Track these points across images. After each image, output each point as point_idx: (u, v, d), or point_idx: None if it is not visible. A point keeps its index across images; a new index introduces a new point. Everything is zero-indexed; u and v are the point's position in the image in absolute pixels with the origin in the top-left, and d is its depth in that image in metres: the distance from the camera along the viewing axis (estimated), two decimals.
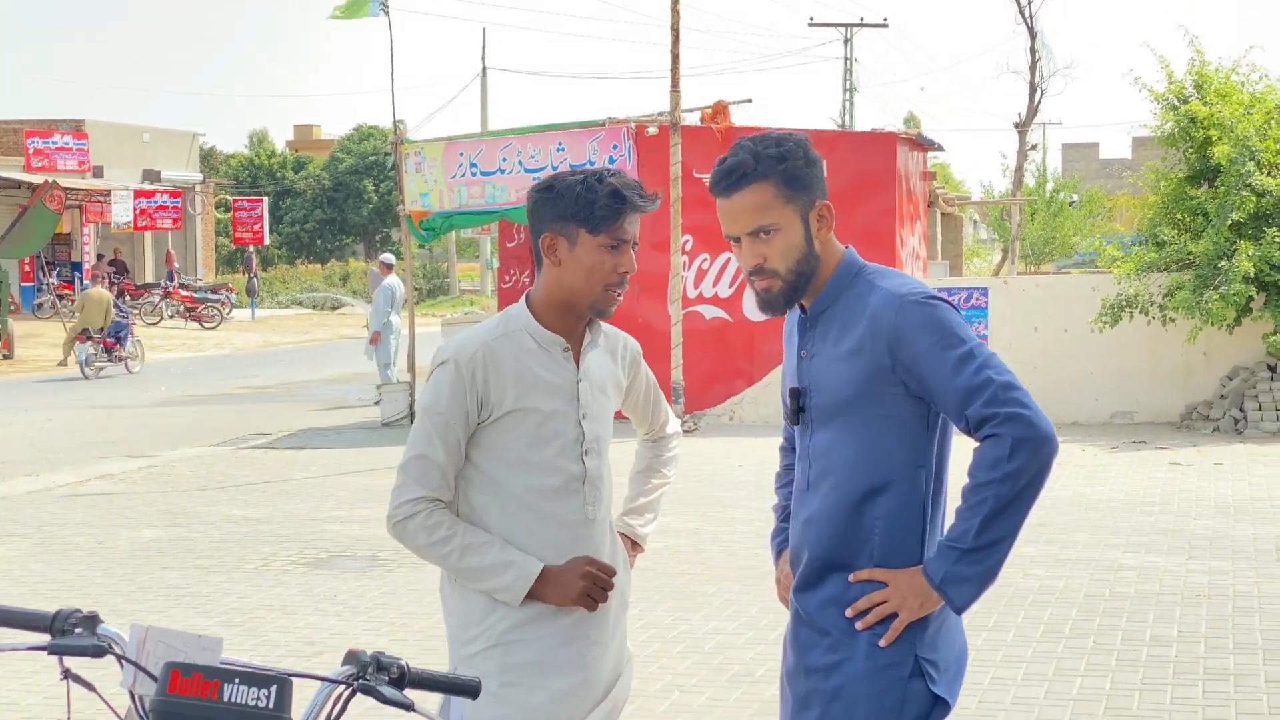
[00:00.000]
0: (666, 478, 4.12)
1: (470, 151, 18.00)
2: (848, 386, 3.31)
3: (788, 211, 3.33)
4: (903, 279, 3.37)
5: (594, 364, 3.74)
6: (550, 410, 3.64)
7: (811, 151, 3.38)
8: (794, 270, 3.35)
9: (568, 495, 3.67)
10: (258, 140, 79.40)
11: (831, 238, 3.40)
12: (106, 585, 9.53)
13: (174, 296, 42.05)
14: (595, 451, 3.72)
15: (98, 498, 13.21)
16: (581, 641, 3.67)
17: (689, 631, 8.18)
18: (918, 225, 21.20)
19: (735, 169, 3.33)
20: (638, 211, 3.59)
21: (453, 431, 3.62)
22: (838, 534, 3.33)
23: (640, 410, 4.04)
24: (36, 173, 39.57)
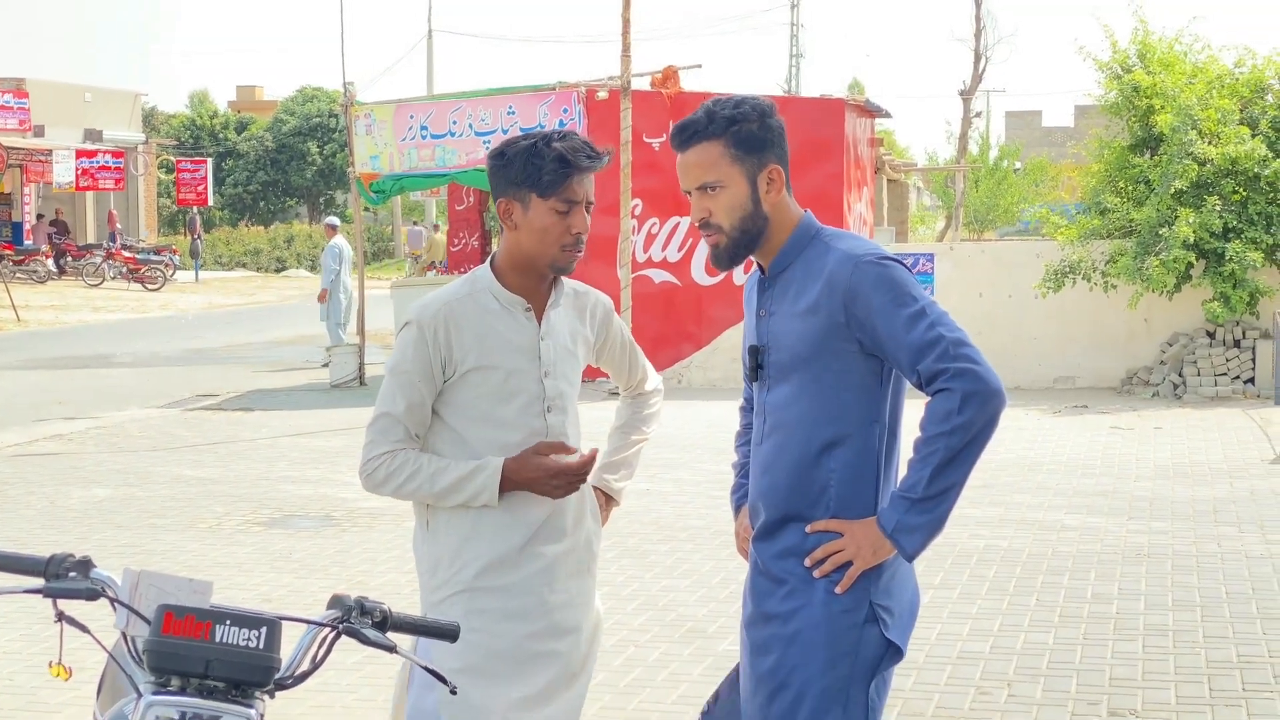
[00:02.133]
0: (644, 434, 4.20)
1: (421, 114, 18.01)
2: (804, 344, 3.43)
3: (734, 171, 3.45)
4: (858, 240, 3.49)
5: (558, 323, 3.85)
6: (511, 368, 3.77)
7: (771, 118, 3.49)
8: (737, 228, 3.47)
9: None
10: (199, 101, 78.68)
11: (786, 200, 3.51)
12: (59, 544, 9.54)
13: (116, 258, 41.79)
14: (558, 408, 3.83)
15: (47, 458, 13.20)
16: (546, 589, 3.79)
17: (641, 589, 8.31)
18: (865, 191, 21.36)
19: (688, 126, 3.47)
20: (585, 172, 3.70)
21: (417, 390, 3.76)
22: (794, 486, 3.46)
23: (616, 366, 4.14)
24: None
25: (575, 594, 3.87)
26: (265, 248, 57.68)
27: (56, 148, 42.80)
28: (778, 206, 3.49)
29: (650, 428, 4.22)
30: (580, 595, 3.88)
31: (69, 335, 28.33)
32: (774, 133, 3.48)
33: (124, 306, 35.59)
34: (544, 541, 3.81)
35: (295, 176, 71.46)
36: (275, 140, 71.53)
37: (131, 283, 40.63)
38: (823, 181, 18.30)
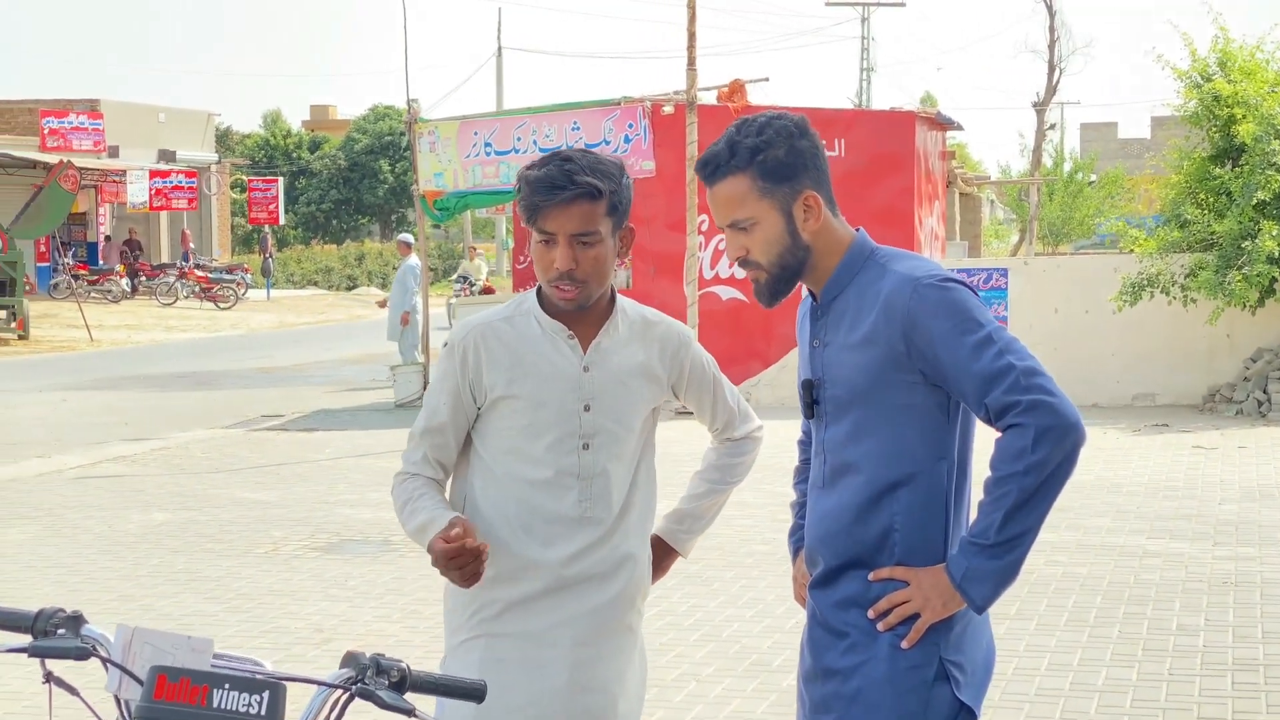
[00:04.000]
0: (725, 486, 3.80)
1: (485, 131, 17.84)
2: (861, 376, 3.14)
3: (764, 205, 3.17)
4: (917, 261, 3.20)
5: (612, 353, 3.53)
6: (544, 399, 3.48)
7: (800, 138, 3.19)
8: (776, 263, 3.20)
9: (559, 490, 3.49)
10: (273, 120, 79.29)
11: (830, 224, 3.22)
12: (115, 570, 9.41)
13: (189, 277, 42.01)
14: (600, 447, 3.50)
15: (109, 480, 13.09)
16: (571, 641, 3.50)
17: (705, 619, 8.04)
18: (936, 205, 21.01)
19: (710, 160, 3.19)
20: (556, 205, 3.34)
21: (439, 413, 3.54)
22: (856, 531, 3.18)
23: (697, 405, 3.75)
24: (52, 152, 39.46)
25: (608, 649, 3.55)
26: (336, 266, 57.88)
27: (130, 168, 43.10)
28: (820, 233, 3.20)
29: (734, 478, 3.81)
30: (614, 651, 3.56)
31: (140, 354, 28.42)
32: (804, 156, 3.18)
33: (195, 325, 35.74)
34: (575, 589, 3.50)
35: (367, 195, 71.80)
36: (347, 159, 71.91)
37: (204, 301, 40.82)
38: (893, 196, 17.97)
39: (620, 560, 3.55)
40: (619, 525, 3.55)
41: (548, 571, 3.48)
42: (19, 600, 8.57)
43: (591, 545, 3.51)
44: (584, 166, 3.39)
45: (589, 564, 3.51)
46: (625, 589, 3.56)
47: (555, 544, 3.48)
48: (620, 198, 3.44)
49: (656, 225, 18.33)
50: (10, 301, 30.48)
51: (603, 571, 3.52)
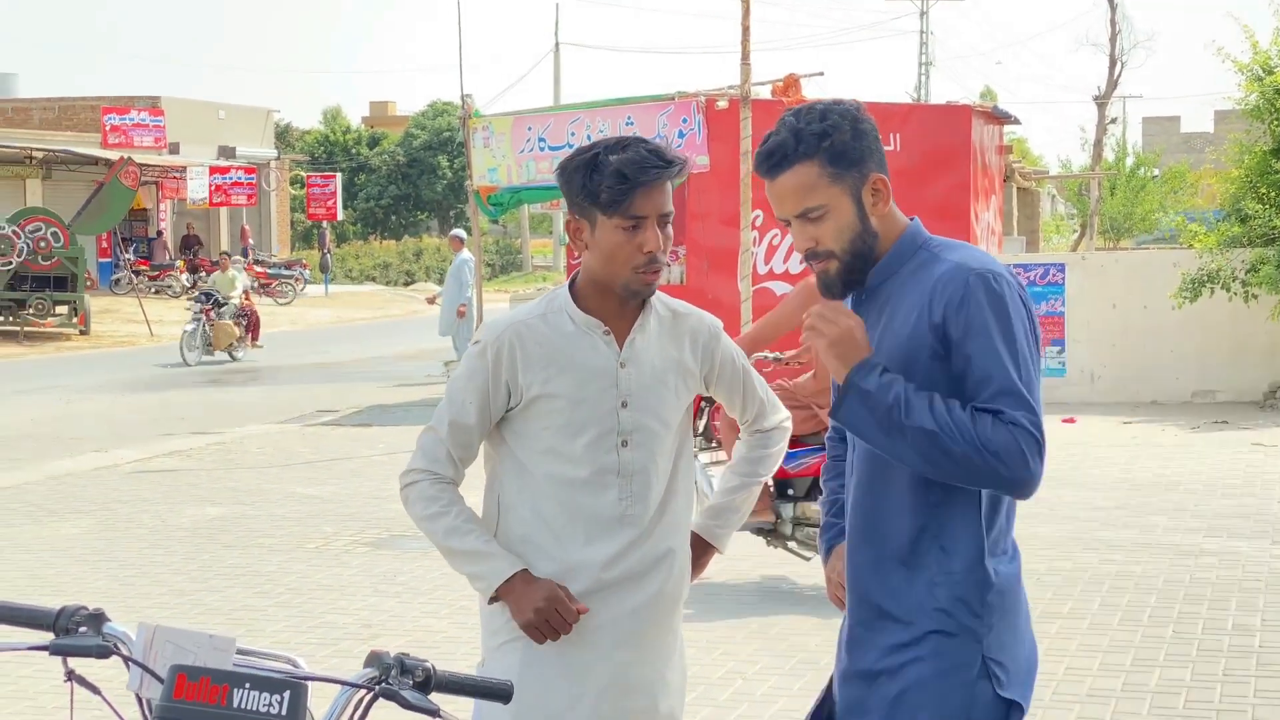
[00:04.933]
0: (749, 478, 3.74)
1: (539, 126, 17.82)
2: (895, 364, 3.04)
3: (835, 191, 3.08)
4: (971, 251, 3.11)
5: (646, 349, 3.47)
6: (581, 397, 3.42)
7: (861, 121, 3.11)
8: (849, 250, 3.11)
9: (599, 489, 3.43)
10: (332, 117, 79.66)
11: (892, 210, 3.15)
12: (166, 564, 9.45)
13: (248, 272, 42.23)
14: (638, 444, 3.45)
15: (163, 474, 13.17)
16: (611, 643, 3.45)
17: (753, 615, 7.98)
18: (993, 200, 20.82)
19: (775, 150, 3.09)
20: (649, 186, 3.32)
21: (466, 411, 3.47)
22: (891, 526, 3.11)
23: (727, 397, 3.69)
24: (113, 149, 39.79)
25: (649, 650, 3.49)
26: (394, 261, 58.11)
27: (190, 164, 43.38)
28: (884, 219, 3.12)
29: (765, 470, 3.76)
30: (655, 651, 3.51)
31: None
32: (869, 138, 3.10)
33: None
34: (614, 590, 3.44)
35: (426, 190, 72.02)
36: (406, 155, 72.16)
37: (262, 297, 41.01)
38: (949, 191, 17.81)
39: (659, 558, 3.49)
40: (658, 523, 3.49)
41: (587, 573, 3.42)
42: (70, 594, 8.63)
43: (631, 544, 3.45)
44: (662, 147, 3.38)
45: (629, 564, 3.45)
46: (665, 588, 3.51)
47: (595, 544, 3.43)
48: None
49: (710, 220, 18.25)
50: (72, 297, 30.76)
51: (642, 571, 3.47)
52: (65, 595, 8.61)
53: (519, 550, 3.45)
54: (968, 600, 3.05)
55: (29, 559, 9.63)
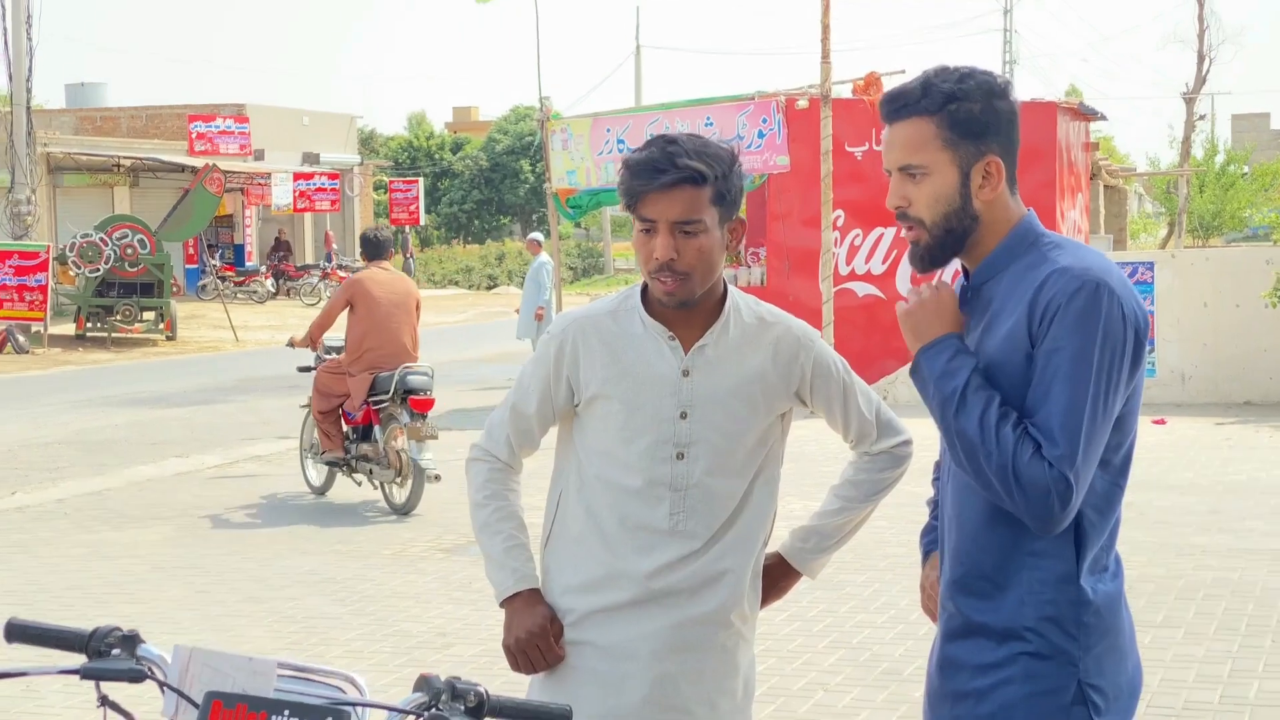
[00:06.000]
0: (850, 503, 3.46)
1: (617, 128, 17.71)
2: (1001, 376, 2.84)
3: (943, 156, 2.88)
4: (1083, 254, 2.87)
5: (719, 357, 3.29)
6: (638, 403, 3.27)
7: (1001, 99, 2.90)
8: (940, 225, 2.91)
9: (651, 500, 3.27)
10: (416, 122, 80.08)
11: (1005, 198, 2.93)
12: (243, 571, 9.39)
13: (332, 277, 42.45)
14: (696, 457, 3.27)
15: (244, 480, 13.15)
16: (651, 655, 3.28)
17: (835, 624, 7.80)
18: (1079, 198, 20.47)
19: (899, 96, 2.91)
20: (657, 190, 3.14)
21: (528, 400, 3.38)
22: (983, 539, 2.91)
23: (826, 416, 3.44)
24: (199, 156, 40.11)
25: (693, 668, 3.30)
26: (477, 265, 58.27)
27: (275, 171, 43.69)
28: (993, 205, 2.91)
29: (871, 496, 3.45)
30: (701, 672, 3.31)
31: (283, 354, 28.62)
32: (1000, 117, 2.91)
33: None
34: (659, 601, 3.28)
35: (508, 194, 72.23)
36: (489, 159, 72.39)
37: None
38: (1034, 189, 17.48)
39: (714, 577, 3.32)
40: (716, 541, 3.32)
41: (633, 582, 3.28)
42: (146, 603, 8.60)
43: (682, 560, 3.29)
44: (689, 150, 3.18)
45: (678, 578, 3.29)
46: (718, 607, 3.32)
47: (644, 554, 3.28)
48: (728, 186, 3.21)
49: (791, 221, 18.06)
50: (158, 303, 30.98)
51: (691, 587, 3.30)
52: (142, 604, 8.58)
53: (571, 550, 3.33)
54: (1061, 620, 2.85)
55: (108, 566, 9.62)
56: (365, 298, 11.29)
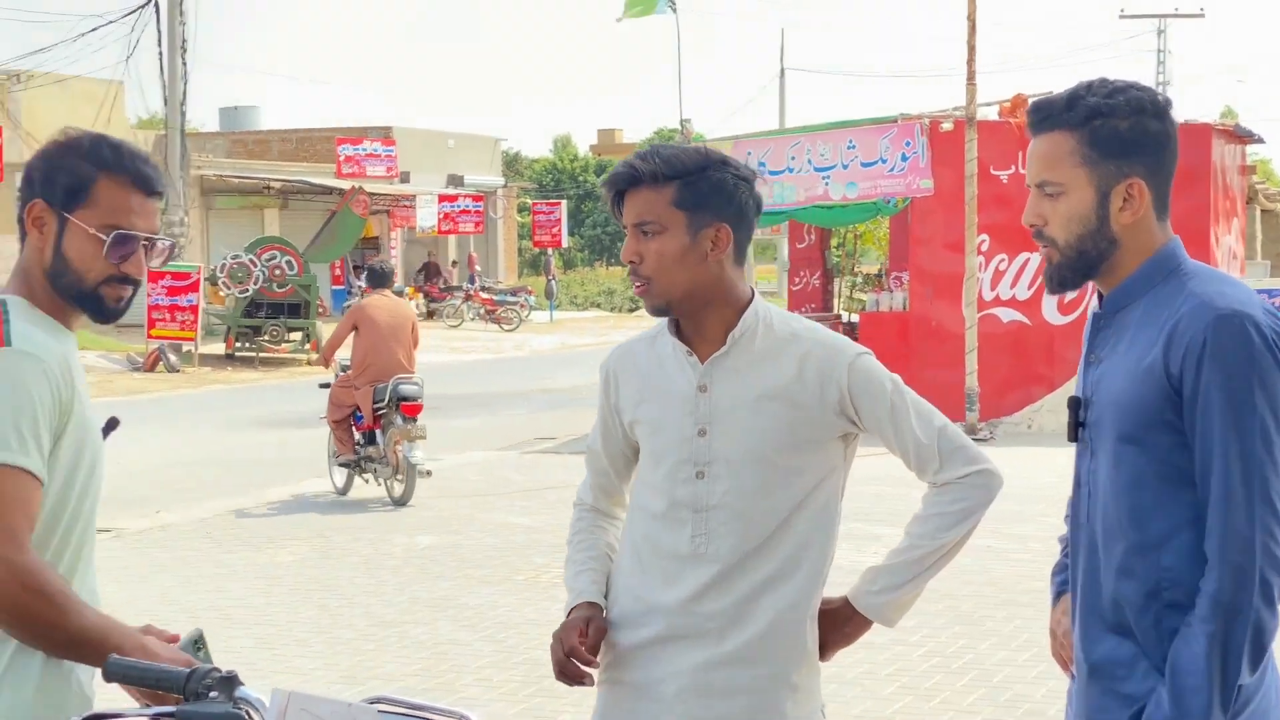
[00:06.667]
0: (918, 539, 3.15)
1: (758, 150, 17.58)
2: (1129, 408, 2.68)
3: (1081, 174, 2.73)
4: (1225, 286, 2.71)
5: (737, 372, 3.13)
6: (662, 423, 3.17)
7: (1151, 118, 2.73)
8: (1074, 246, 2.76)
9: (675, 524, 3.14)
10: (562, 145, 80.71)
11: (1149, 223, 2.77)
12: (376, 594, 9.40)
13: (475, 299, 42.84)
14: (718, 476, 3.10)
15: (380, 502, 13.21)
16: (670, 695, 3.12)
17: (975, 661, 7.59)
18: (1234, 222, 19.93)
19: (1044, 107, 2.77)
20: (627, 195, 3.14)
21: (595, 438, 3.37)
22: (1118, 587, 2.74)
23: (883, 440, 3.19)
24: (346, 179, 40.73)
25: (719, 713, 3.09)
26: (619, 288, 58.42)
27: (420, 193, 44.21)
28: (1133, 229, 2.75)
29: (942, 532, 3.13)
30: (727, 718, 3.10)
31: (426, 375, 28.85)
32: (1149, 138, 2.73)
33: (480, 347, 36.36)
34: (687, 639, 3.11)
35: None
36: None
37: (488, 323, 41.57)
38: (1187, 213, 17.06)
39: (745, 613, 3.10)
40: (744, 571, 3.11)
41: (661, 616, 3.13)
42: (279, 625, 8.63)
43: (706, 589, 3.10)
44: (648, 154, 3.15)
45: (706, 613, 3.11)
46: (745, 646, 3.10)
47: (670, 585, 3.13)
48: (695, 188, 3.09)
49: (934, 245, 17.79)
50: (305, 324, 31.44)
51: (720, 626, 3.10)
52: (275, 625, 8.61)
53: (616, 583, 3.23)
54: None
55: (244, 587, 9.69)
56: (368, 321, 12.88)
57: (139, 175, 2.92)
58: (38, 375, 2.75)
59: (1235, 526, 2.57)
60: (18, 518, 2.68)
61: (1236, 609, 2.55)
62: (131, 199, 2.90)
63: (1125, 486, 2.70)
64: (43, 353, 2.78)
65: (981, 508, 3.16)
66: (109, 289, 2.90)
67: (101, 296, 2.91)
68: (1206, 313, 2.62)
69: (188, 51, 31.39)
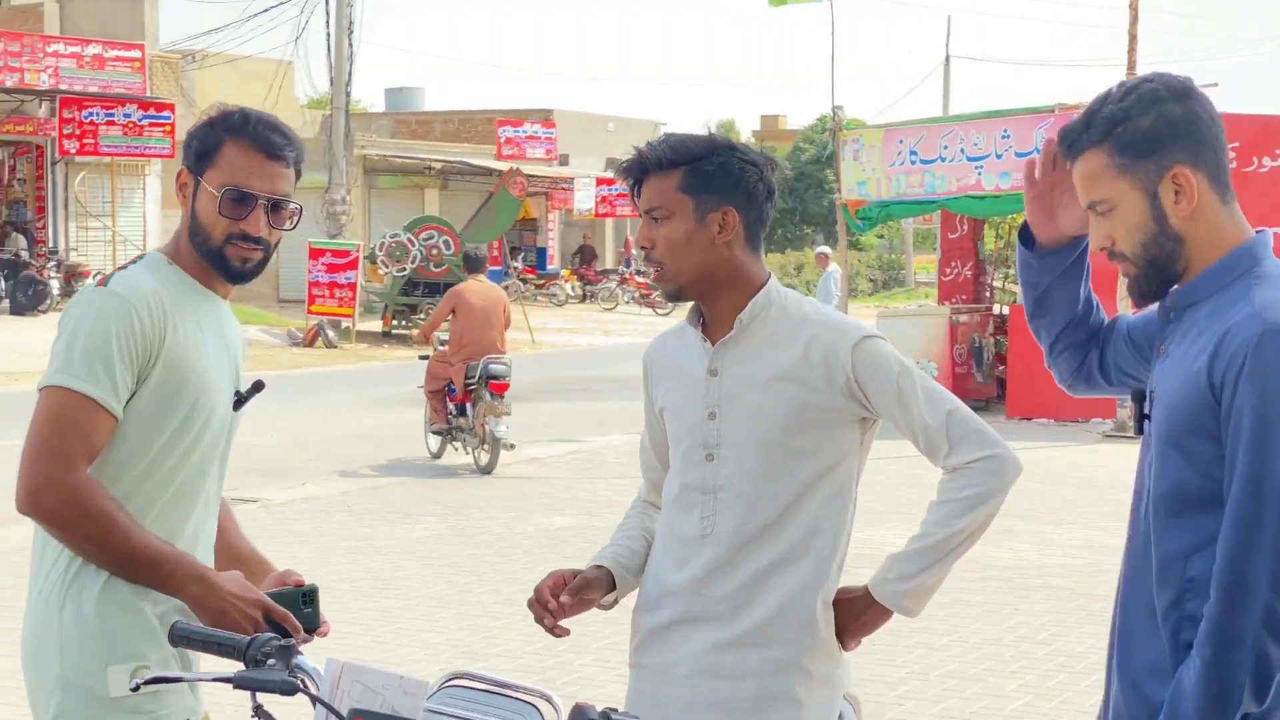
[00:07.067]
0: (931, 527, 3.10)
1: (911, 139, 17.42)
2: (1178, 415, 2.59)
3: (1122, 185, 2.63)
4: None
5: (747, 354, 3.15)
6: (680, 409, 3.21)
7: (1172, 103, 2.61)
8: (1142, 255, 2.65)
9: (686, 506, 3.18)
10: (724, 130, 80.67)
11: (1213, 211, 2.64)
12: (506, 573, 9.50)
13: (629, 283, 43.02)
14: (725, 458, 3.13)
15: (519, 481, 13.36)
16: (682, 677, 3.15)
17: (1100, 662, 7.44)
18: None
19: (1067, 134, 2.70)
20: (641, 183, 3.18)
21: (644, 434, 3.42)
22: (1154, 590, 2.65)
23: (893, 424, 3.14)
24: (506, 160, 41.17)
25: (727, 696, 3.10)
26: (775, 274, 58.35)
27: (578, 175, 44.51)
28: (1196, 221, 2.63)
29: (954, 519, 3.07)
30: (736, 700, 3.10)
31: (577, 357, 29.19)
32: (1176, 123, 2.61)
33: (633, 330, 36.54)
34: (699, 621, 3.15)
35: (812, 205, 72.06)
36: (794, 168, 72.37)
37: (642, 307, 41.74)
38: None
39: (750, 597, 3.12)
40: (749, 553, 3.12)
41: (677, 599, 3.16)
42: (408, 598, 8.77)
43: (714, 569, 3.13)
44: (660, 142, 3.22)
45: (714, 596, 3.13)
46: (752, 629, 3.11)
47: (681, 567, 3.17)
48: (701, 173, 3.13)
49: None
50: None
51: (729, 609, 3.12)
52: (404, 599, 8.75)
53: (649, 568, 3.28)
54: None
55: (379, 560, 9.85)
56: (464, 304, 13.94)
57: (261, 139, 3.07)
58: (121, 314, 2.91)
59: (1241, 553, 2.46)
60: (70, 439, 2.86)
61: (1236, 637, 2.45)
62: (252, 161, 3.06)
63: (1166, 491, 2.62)
64: (132, 295, 2.94)
65: (995, 494, 3.08)
66: (233, 249, 3.06)
67: (227, 256, 3.07)
68: (1255, 326, 2.50)
69: (354, 33, 31.91)
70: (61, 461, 2.85)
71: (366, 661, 2.49)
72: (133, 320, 2.91)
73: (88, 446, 2.88)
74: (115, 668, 2.88)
